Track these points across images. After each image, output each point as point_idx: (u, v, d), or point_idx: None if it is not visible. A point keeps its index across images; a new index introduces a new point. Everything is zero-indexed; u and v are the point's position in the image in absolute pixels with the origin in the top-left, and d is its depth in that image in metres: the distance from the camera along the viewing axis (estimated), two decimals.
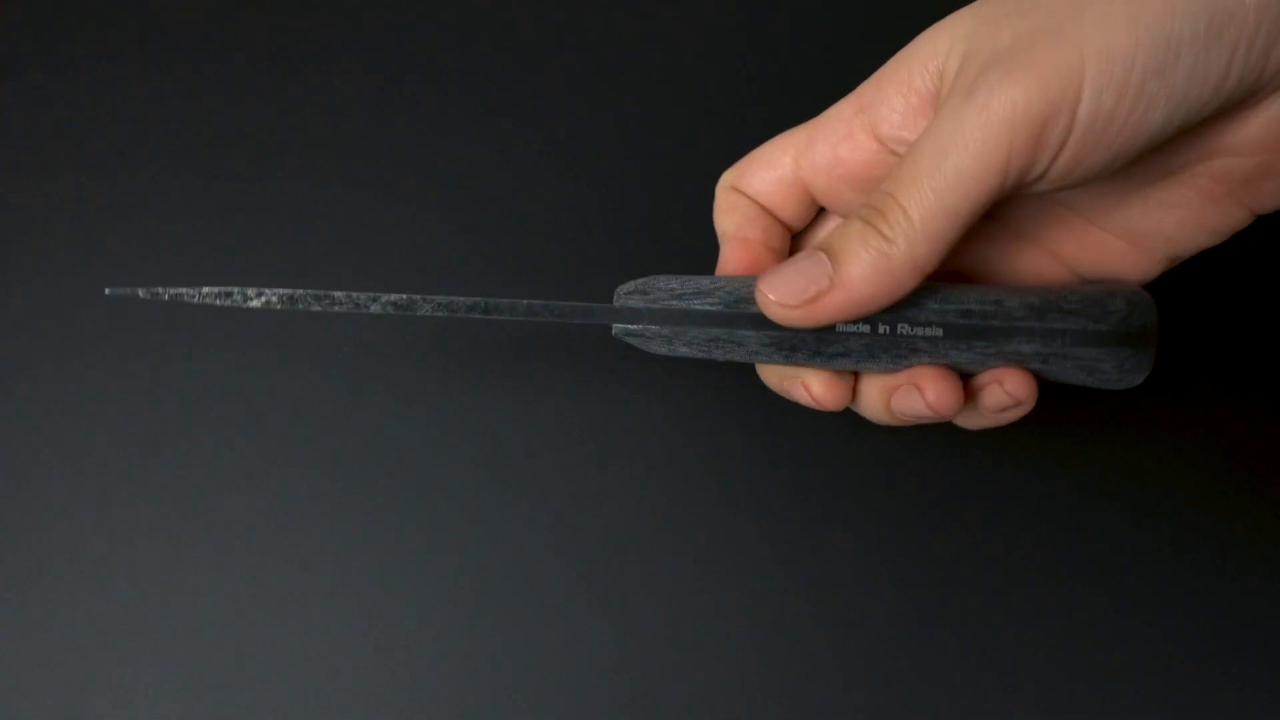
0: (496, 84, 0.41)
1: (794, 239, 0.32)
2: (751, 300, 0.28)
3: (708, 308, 0.28)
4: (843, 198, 0.29)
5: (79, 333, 0.38)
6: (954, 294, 0.28)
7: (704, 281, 0.28)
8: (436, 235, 0.39)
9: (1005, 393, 0.28)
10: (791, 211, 0.30)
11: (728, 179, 0.31)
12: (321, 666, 0.35)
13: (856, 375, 0.29)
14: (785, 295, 0.26)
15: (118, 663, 0.35)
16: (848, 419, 0.34)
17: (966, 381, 0.29)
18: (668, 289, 0.28)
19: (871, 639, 0.35)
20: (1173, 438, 0.37)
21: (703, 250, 0.34)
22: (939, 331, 0.27)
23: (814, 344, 0.28)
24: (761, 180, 0.30)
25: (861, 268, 0.25)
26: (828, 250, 0.26)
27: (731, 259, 0.30)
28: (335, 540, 0.36)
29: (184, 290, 0.28)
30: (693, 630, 0.35)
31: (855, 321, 0.27)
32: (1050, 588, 0.36)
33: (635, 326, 0.28)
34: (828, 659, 0.35)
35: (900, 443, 0.37)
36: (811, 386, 0.29)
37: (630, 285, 0.29)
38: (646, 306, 0.28)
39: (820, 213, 0.31)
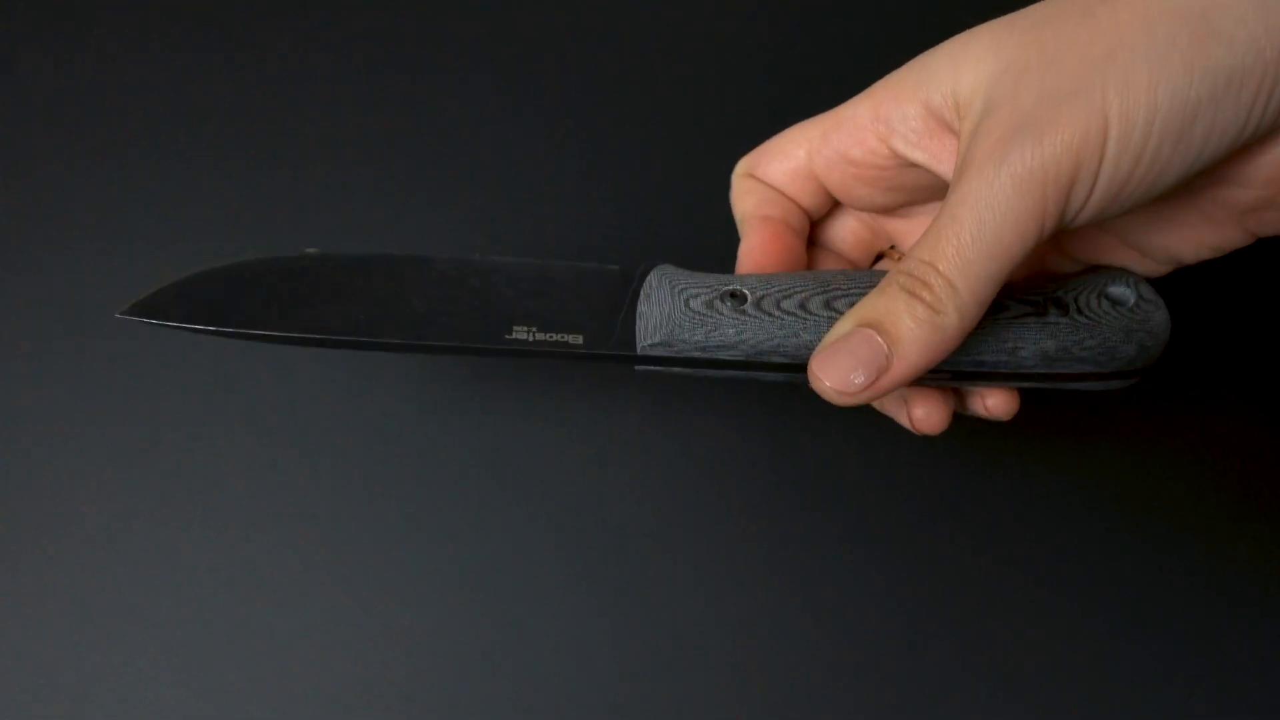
0: (505, 77, 0.41)
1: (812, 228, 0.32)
2: (775, 351, 0.28)
3: (730, 358, 0.28)
4: (854, 192, 0.30)
5: (79, 325, 0.37)
6: (971, 340, 0.27)
7: (729, 332, 0.28)
8: (444, 231, 0.39)
9: (985, 409, 0.30)
10: (808, 200, 0.31)
11: (743, 166, 0.31)
12: (320, 664, 0.34)
13: None
14: (843, 383, 0.26)
15: (117, 656, 0.34)
16: (846, 422, 0.35)
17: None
18: (693, 341, 0.28)
19: (867, 641, 0.36)
20: (1168, 444, 0.38)
21: (708, 242, 0.34)
22: (948, 376, 0.28)
23: None
24: (777, 170, 0.30)
25: (917, 344, 0.25)
26: (874, 326, 0.25)
27: (754, 237, 0.30)
28: (334, 538, 0.36)
29: (208, 327, 0.27)
30: (691, 630, 0.35)
31: None
32: (1045, 591, 0.36)
33: (659, 368, 0.29)
34: (824, 660, 0.35)
35: (898, 447, 0.37)
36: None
37: (656, 333, 0.28)
38: (672, 355, 0.28)
39: (835, 206, 0.32)
